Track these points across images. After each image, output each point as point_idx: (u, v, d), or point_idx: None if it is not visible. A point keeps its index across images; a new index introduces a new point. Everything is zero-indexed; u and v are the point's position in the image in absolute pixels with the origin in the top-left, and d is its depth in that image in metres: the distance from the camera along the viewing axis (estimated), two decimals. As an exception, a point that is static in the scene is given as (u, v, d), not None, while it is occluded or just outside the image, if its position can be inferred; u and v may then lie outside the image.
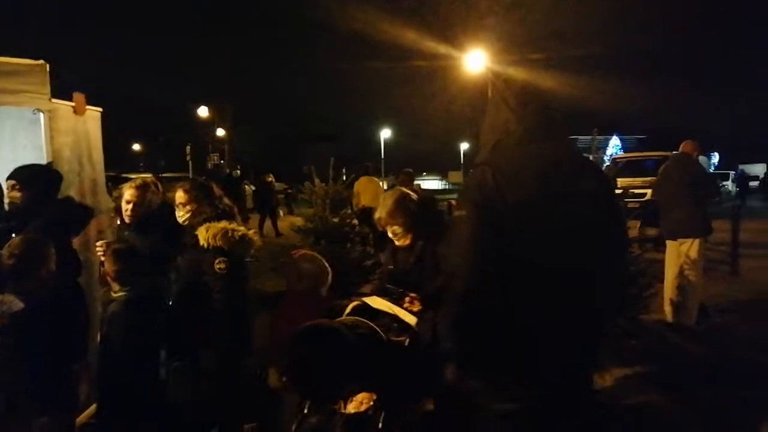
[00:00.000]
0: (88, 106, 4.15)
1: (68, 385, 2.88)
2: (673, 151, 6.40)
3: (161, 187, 3.72)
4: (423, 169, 51.22)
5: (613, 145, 44.22)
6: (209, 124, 36.72)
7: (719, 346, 5.16)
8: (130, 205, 3.46)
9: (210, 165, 28.07)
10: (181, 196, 3.30)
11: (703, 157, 17.19)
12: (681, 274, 5.59)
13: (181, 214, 3.29)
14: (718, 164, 40.55)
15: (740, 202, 15.74)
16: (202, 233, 3.07)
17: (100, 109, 4.35)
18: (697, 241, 5.55)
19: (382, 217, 3.24)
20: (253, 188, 17.08)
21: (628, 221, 5.00)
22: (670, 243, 5.78)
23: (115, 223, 3.91)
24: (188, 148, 25.91)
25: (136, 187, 3.50)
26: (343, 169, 6.27)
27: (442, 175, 56.09)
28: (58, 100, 3.79)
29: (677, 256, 5.64)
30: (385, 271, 3.47)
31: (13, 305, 2.54)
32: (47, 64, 3.64)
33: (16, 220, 3.26)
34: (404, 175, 9.57)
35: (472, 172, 2.09)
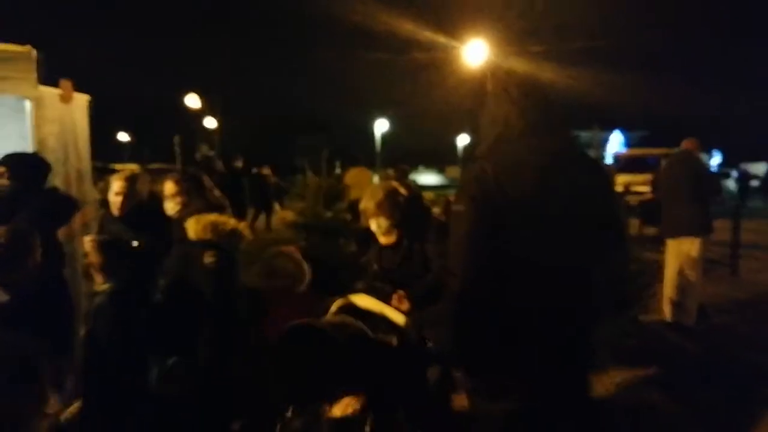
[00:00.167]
0: (75, 93, 4.06)
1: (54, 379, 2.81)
2: (676, 149, 6.31)
3: (149, 179, 3.66)
4: (420, 164, 51.08)
5: (616, 141, 44.06)
6: (198, 114, 36.24)
7: (718, 347, 5.10)
8: (119, 197, 3.40)
9: (199, 156, 27.78)
10: (170, 187, 3.24)
11: (705, 155, 17.12)
12: (681, 273, 5.52)
13: (171, 206, 3.23)
14: (721, 163, 40.46)
15: (741, 201, 15.67)
16: (192, 225, 3.01)
17: (88, 96, 4.26)
18: (698, 240, 5.47)
19: (369, 208, 3.16)
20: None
21: (629, 219, 4.91)
22: (670, 242, 5.70)
23: (101, 215, 3.84)
24: (176, 139, 25.64)
25: (125, 179, 3.45)
26: (336, 163, 6.17)
27: (440, 169, 55.97)
28: (44, 87, 3.71)
29: (677, 254, 5.57)
30: (371, 271, 3.40)
31: None
32: (34, 50, 3.56)
33: (2, 209, 3.20)
34: (399, 171, 9.52)
35: (471, 166, 2.04)
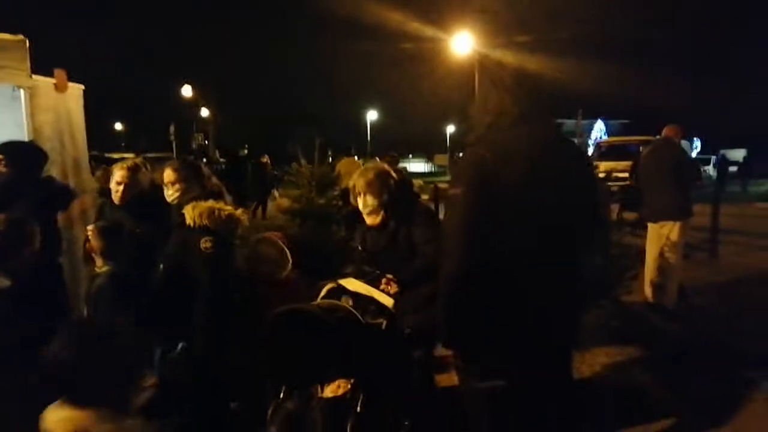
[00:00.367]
0: (69, 83, 4.08)
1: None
2: (656, 136, 6.46)
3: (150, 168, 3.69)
4: (409, 152, 51.11)
5: (598, 129, 44.46)
6: (193, 104, 36.14)
7: (697, 327, 5.28)
8: (121, 186, 3.45)
9: (194, 145, 27.65)
10: (169, 175, 3.27)
11: (686, 142, 17.39)
12: (661, 256, 5.69)
13: (170, 194, 3.27)
14: (700, 149, 41.02)
15: (720, 186, 15.96)
16: (189, 212, 3.04)
17: (82, 85, 4.28)
18: (678, 224, 5.64)
19: (359, 185, 3.18)
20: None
21: (611, 205, 5.05)
22: (651, 225, 5.87)
23: (100, 203, 3.87)
24: (172, 128, 25.46)
25: (128, 169, 3.49)
26: (328, 151, 6.24)
27: (428, 157, 56.01)
28: (38, 76, 3.72)
29: (658, 238, 5.73)
30: (357, 253, 3.45)
31: (0, 283, 2.52)
32: (27, 40, 3.56)
33: (1, 197, 3.22)
34: (389, 159, 9.61)
35: (467, 152, 2.10)
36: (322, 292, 2.95)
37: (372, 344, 2.61)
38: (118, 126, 47.55)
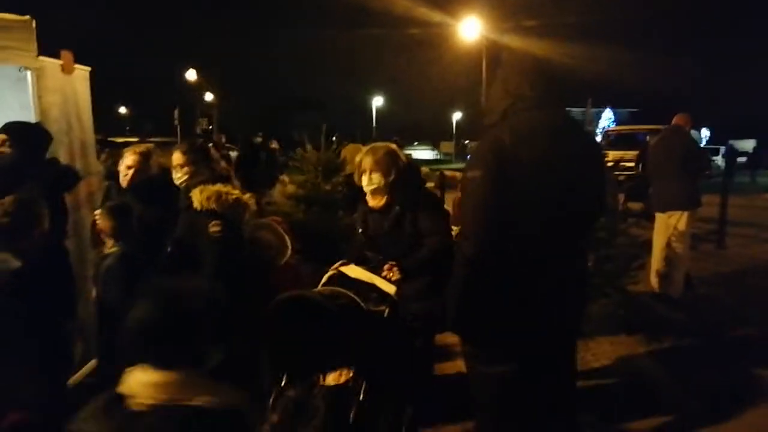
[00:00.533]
0: (76, 65, 4.06)
1: (66, 344, 2.90)
2: (665, 125, 6.40)
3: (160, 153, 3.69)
4: (415, 139, 50.93)
5: (606, 118, 44.17)
6: (197, 89, 36.11)
7: (703, 317, 5.27)
8: (131, 170, 3.45)
9: (198, 130, 27.70)
10: (178, 157, 3.27)
11: (695, 132, 17.23)
12: (668, 246, 5.66)
13: (179, 176, 3.27)
14: (709, 139, 40.71)
15: (728, 177, 15.83)
16: (196, 195, 3.03)
17: (89, 68, 4.26)
18: (685, 214, 5.60)
19: (366, 162, 3.09)
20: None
21: (618, 194, 5.02)
22: (658, 215, 5.83)
23: (106, 186, 3.87)
24: (176, 112, 25.46)
25: (140, 154, 3.49)
26: (333, 137, 6.21)
27: (434, 145, 55.85)
28: (45, 58, 3.70)
29: (665, 228, 5.70)
30: (357, 236, 3.34)
31: (11, 263, 2.52)
32: (33, 20, 3.53)
33: (5, 179, 3.22)
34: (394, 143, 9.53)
35: (487, 135, 2.10)
36: (323, 279, 2.94)
37: (374, 332, 2.59)
38: (123, 110, 47.61)
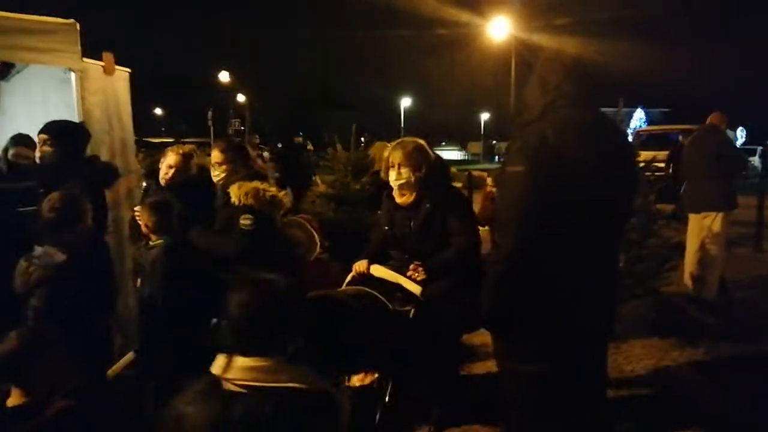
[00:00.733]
0: (117, 67, 4.19)
1: (105, 336, 3.00)
2: (699, 125, 6.27)
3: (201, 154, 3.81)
4: (442, 139, 50.75)
5: (637, 118, 43.30)
6: (230, 90, 36.73)
7: (738, 321, 5.15)
8: (172, 170, 3.56)
9: (231, 131, 28.16)
10: (217, 155, 3.37)
11: (730, 132, 16.78)
12: (702, 248, 5.55)
13: (217, 174, 3.37)
14: (746, 139, 39.55)
15: (766, 178, 15.36)
16: (234, 191, 3.11)
17: (129, 69, 4.40)
18: (720, 215, 5.49)
19: (395, 156, 3.01)
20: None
21: (649, 195, 4.94)
22: (692, 216, 5.73)
23: (147, 185, 3.99)
24: (210, 114, 25.94)
25: (182, 155, 3.61)
26: (362, 138, 6.26)
27: (462, 145, 55.55)
28: (88, 60, 3.83)
29: (700, 229, 5.59)
30: (380, 234, 3.25)
31: (56, 257, 2.62)
32: (77, 24, 3.66)
33: (47, 176, 3.33)
34: None
35: (530, 129, 2.10)
36: (347, 279, 2.96)
37: (399, 332, 2.58)
38: (158, 111, 48.68)
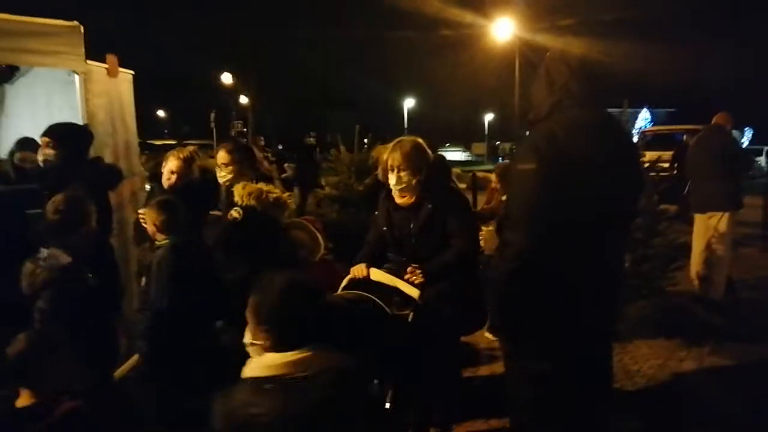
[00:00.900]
0: (120, 69, 4.20)
1: (111, 338, 3.00)
2: (704, 125, 6.24)
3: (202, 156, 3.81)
4: (446, 140, 50.72)
5: (643, 118, 43.17)
6: (232, 91, 36.76)
7: (745, 320, 5.12)
8: (174, 175, 3.56)
9: (233, 132, 28.22)
10: (223, 157, 3.37)
11: (736, 132, 16.73)
12: (708, 248, 5.52)
13: (223, 175, 3.37)
14: (752, 140, 39.40)
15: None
16: (238, 190, 3.11)
17: (132, 71, 4.40)
18: (726, 215, 5.45)
19: (394, 158, 2.89)
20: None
21: (654, 195, 4.93)
22: (698, 216, 5.69)
23: (150, 188, 3.99)
24: (212, 115, 26.00)
25: (183, 159, 3.59)
26: (365, 139, 6.26)
27: (466, 146, 55.50)
28: (92, 62, 3.84)
29: (705, 229, 5.56)
30: (377, 235, 3.15)
31: (61, 259, 2.63)
32: (81, 26, 3.67)
33: (50, 179, 3.33)
34: None
35: (539, 127, 2.11)
36: (344, 282, 2.91)
37: (399, 336, 2.56)
38: (161, 113, 48.78)
